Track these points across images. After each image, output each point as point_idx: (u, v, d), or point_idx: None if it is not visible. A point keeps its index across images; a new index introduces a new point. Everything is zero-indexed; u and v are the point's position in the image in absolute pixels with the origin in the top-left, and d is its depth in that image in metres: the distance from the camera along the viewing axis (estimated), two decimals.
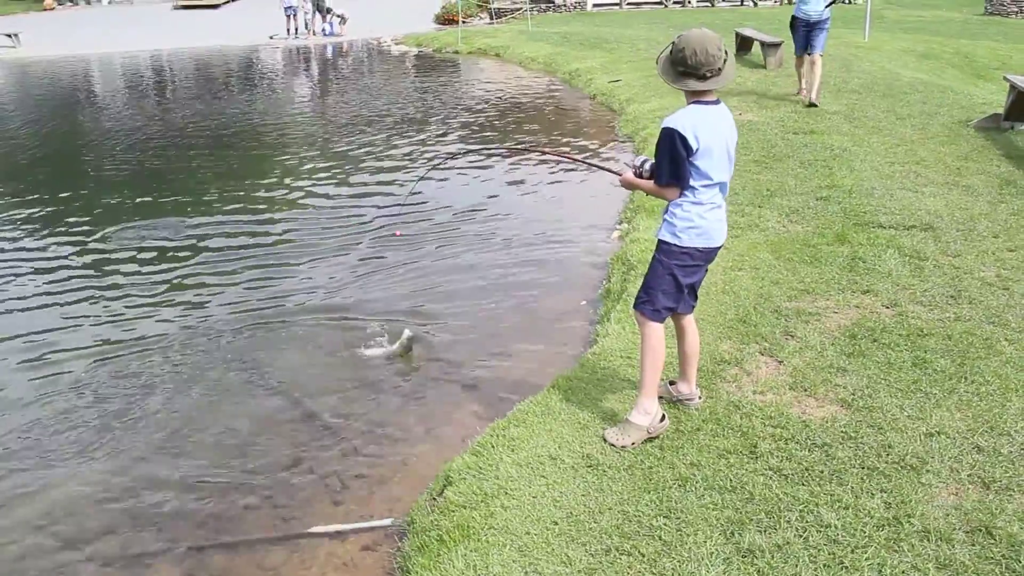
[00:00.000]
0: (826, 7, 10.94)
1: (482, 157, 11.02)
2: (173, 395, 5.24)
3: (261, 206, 9.35)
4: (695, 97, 3.73)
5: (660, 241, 3.89)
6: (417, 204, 8.94)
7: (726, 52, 3.67)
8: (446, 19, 29.56)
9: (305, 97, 18.15)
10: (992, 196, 7.35)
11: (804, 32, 11.11)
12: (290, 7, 27.79)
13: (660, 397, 4.12)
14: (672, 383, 4.27)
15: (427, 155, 11.33)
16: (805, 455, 3.77)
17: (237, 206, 9.32)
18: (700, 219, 3.77)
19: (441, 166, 10.34)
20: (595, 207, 8.67)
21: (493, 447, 3.99)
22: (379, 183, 10.12)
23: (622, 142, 11.56)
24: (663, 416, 3.98)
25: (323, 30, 28.66)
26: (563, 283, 6.73)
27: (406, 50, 24.91)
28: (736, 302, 5.43)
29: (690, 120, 3.67)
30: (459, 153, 11.17)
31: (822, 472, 3.65)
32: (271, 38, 27.88)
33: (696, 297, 4.09)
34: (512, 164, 10.75)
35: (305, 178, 10.44)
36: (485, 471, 3.83)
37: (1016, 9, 33.52)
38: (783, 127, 10.18)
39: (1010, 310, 5.18)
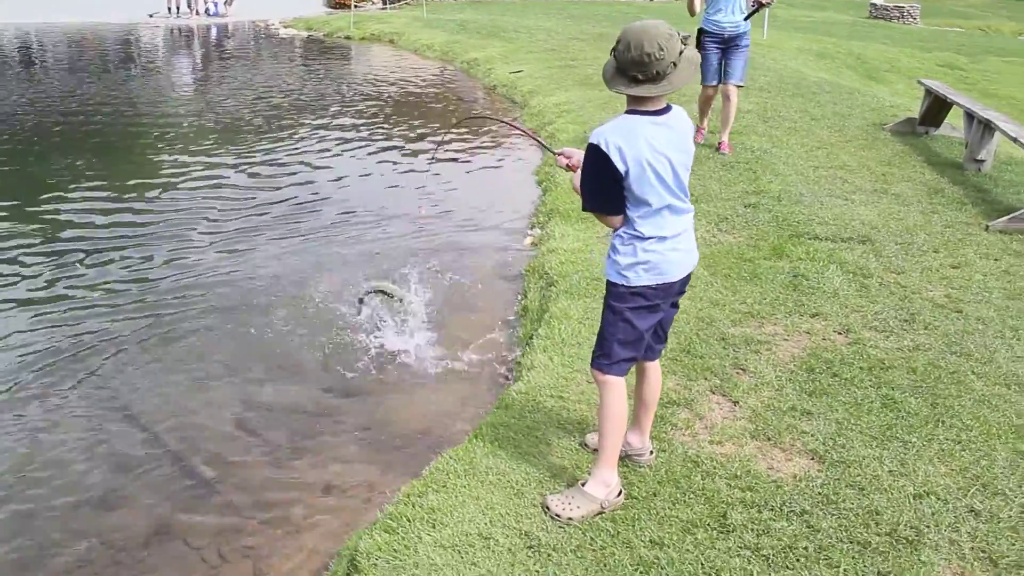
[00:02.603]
0: (747, 17, 8.25)
1: (374, 151, 10.20)
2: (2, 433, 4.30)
3: (133, 199, 8.24)
4: (633, 104, 3.00)
5: (608, 282, 3.19)
6: (302, 203, 8.08)
7: (682, 48, 2.92)
8: (337, 3, 28.45)
9: (188, 81, 16.81)
10: (923, 206, 7.01)
11: (717, 51, 8.34)
12: None
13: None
14: None
15: (320, 142, 10.42)
16: (784, 527, 3.17)
17: (109, 199, 8.21)
18: (645, 253, 3.06)
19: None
20: (502, 205, 8.00)
21: (410, 521, 3.25)
22: (260, 175, 9.17)
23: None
24: (620, 491, 3.31)
25: (207, 10, 27.06)
26: (473, 299, 5.95)
27: (295, 34, 23.66)
28: (676, 327, 4.82)
29: (616, 136, 2.92)
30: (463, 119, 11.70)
31: (806, 550, 3.06)
32: (151, 16, 26.11)
33: (664, 338, 3.44)
34: (405, 156, 9.97)
35: (182, 169, 9.36)
36: (401, 555, 3.09)
37: (898, 14, 34.76)
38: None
39: (969, 337, 4.75)
